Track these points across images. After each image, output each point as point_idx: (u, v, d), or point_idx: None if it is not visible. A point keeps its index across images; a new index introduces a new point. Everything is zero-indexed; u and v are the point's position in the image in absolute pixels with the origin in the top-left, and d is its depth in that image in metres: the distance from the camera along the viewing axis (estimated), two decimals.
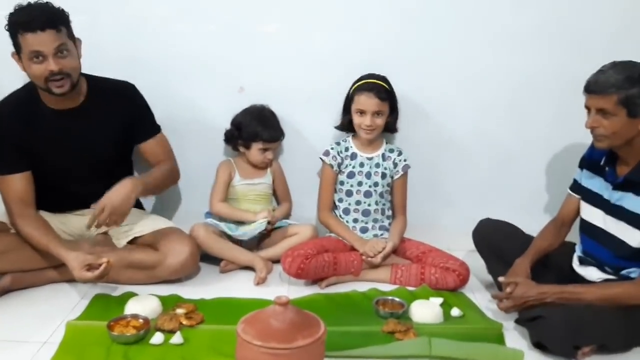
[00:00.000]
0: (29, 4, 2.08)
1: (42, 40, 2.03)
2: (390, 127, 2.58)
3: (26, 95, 2.23)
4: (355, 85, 2.52)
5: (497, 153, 2.77)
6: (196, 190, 2.71)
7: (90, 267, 2.10)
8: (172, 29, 2.59)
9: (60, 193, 2.34)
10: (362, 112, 2.49)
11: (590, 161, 2.18)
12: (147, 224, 2.38)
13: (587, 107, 1.98)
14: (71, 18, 2.14)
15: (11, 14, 2.07)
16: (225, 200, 2.66)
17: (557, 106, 2.69)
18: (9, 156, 2.21)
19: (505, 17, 2.61)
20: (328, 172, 2.60)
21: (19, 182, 2.22)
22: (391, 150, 2.63)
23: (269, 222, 2.56)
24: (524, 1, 2.60)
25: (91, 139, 2.28)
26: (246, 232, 2.54)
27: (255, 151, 2.61)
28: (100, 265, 2.10)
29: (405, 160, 2.61)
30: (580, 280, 2.13)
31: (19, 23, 2.04)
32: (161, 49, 2.58)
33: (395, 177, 2.61)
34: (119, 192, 2.18)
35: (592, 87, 1.93)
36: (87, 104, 2.27)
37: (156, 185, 2.37)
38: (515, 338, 2.06)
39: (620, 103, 1.89)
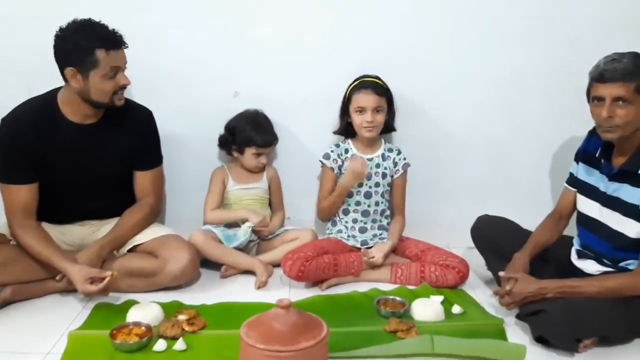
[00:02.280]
0: (97, 23, 2.13)
1: (121, 56, 2.17)
2: (388, 126, 2.59)
3: (45, 105, 2.24)
4: (352, 86, 2.53)
5: (493, 149, 2.78)
6: (192, 196, 2.71)
7: (93, 280, 2.10)
8: (166, 35, 2.60)
9: (64, 205, 2.34)
10: (361, 110, 2.49)
11: (585, 154, 2.19)
12: (146, 232, 2.37)
13: (599, 97, 1.96)
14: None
15: (85, 31, 2.09)
16: (221, 206, 2.66)
17: (550, 100, 2.71)
18: (20, 166, 2.20)
19: (496, 13, 2.63)
20: (329, 173, 2.59)
21: (25, 193, 2.22)
22: (390, 150, 2.64)
23: (255, 232, 2.57)
24: None
25: (102, 155, 2.29)
26: (240, 241, 2.53)
27: (249, 156, 2.61)
28: (103, 278, 2.10)
29: (404, 159, 2.62)
30: (579, 273, 2.14)
31: (102, 40, 2.09)
32: (155, 55, 2.58)
33: (395, 176, 2.62)
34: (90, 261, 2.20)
35: (609, 76, 1.91)
36: (104, 121, 2.29)
37: (124, 241, 2.35)
38: (517, 333, 2.07)
39: (637, 91, 1.89)
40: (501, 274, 2.14)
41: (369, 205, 2.59)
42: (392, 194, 2.66)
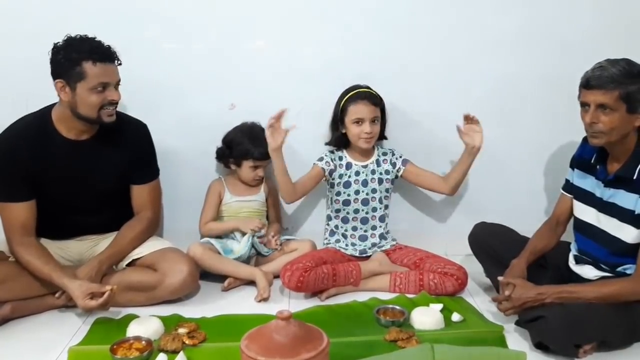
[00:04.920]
0: (91, 38, 2.14)
1: (111, 71, 2.15)
2: (380, 134, 2.61)
3: (39, 122, 2.24)
4: (347, 97, 2.53)
5: (488, 156, 2.77)
6: (190, 209, 2.71)
7: (93, 295, 2.10)
8: (161, 48, 2.62)
9: (61, 221, 2.34)
10: (359, 121, 2.50)
11: (580, 160, 2.20)
12: (145, 246, 2.38)
13: (585, 104, 1.98)
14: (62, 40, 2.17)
15: (75, 44, 2.11)
16: (217, 219, 2.67)
17: (544, 108, 2.73)
18: (15, 184, 2.20)
19: (488, 22, 2.65)
20: (316, 170, 2.57)
21: (23, 211, 2.22)
22: (385, 154, 2.65)
23: (255, 248, 2.59)
24: (507, 6, 2.64)
25: (98, 171, 2.30)
26: (240, 254, 2.54)
27: (246, 169, 2.62)
28: (103, 293, 2.10)
29: (401, 156, 2.64)
30: (577, 279, 2.15)
31: (91, 52, 2.09)
32: (150, 69, 2.59)
33: (400, 173, 2.63)
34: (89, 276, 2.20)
35: (594, 83, 1.93)
36: (99, 137, 2.29)
37: (123, 255, 2.35)
38: (517, 340, 2.08)
39: (621, 98, 1.90)
40: (500, 278, 2.15)
41: (366, 212, 2.60)
42: (417, 179, 2.64)
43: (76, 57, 2.09)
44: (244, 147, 2.58)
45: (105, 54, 2.13)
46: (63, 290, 2.17)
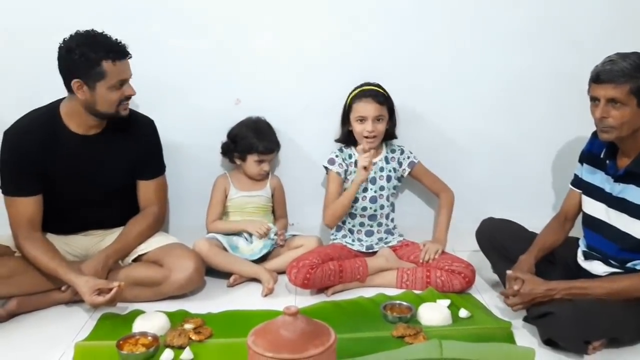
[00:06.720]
0: (100, 33, 2.13)
1: (127, 67, 2.17)
2: (389, 134, 2.59)
3: (47, 116, 2.23)
4: (352, 94, 2.52)
5: (496, 152, 2.78)
6: (196, 204, 2.71)
7: (100, 291, 2.10)
8: (167, 44, 2.61)
9: (67, 216, 2.33)
10: (362, 119, 2.49)
11: (590, 155, 2.18)
12: (151, 241, 2.37)
13: (595, 98, 1.96)
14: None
15: (89, 43, 2.08)
16: (223, 214, 2.66)
17: (553, 102, 2.71)
18: (23, 179, 2.20)
19: (498, 17, 2.63)
20: (336, 178, 2.58)
21: (30, 205, 2.21)
22: (393, 151, 2.64)
23: (276, 242, 2.59)
24: (516, 1, 2.62)
25: (106, 166, 2.29)
26: (251, 259, 2.54)
27: (251, 163, 2.61)
28: (110, 289, 2.09)
29: (408, 157, 2.63)
30: (586, 274, 2.13)
31: (108, 52, 2.08)
32: (156, 65, 2.58)
33: (406, 174, 2.62)
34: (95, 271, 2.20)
35: (604, 77, 1.91)
36: (108, 132, 2.28)
37: (129, 250, 2.35)
38: (525, 336, 2.07)
39: (632, 92, 1.89)
40: (508, 272, 2.13)
41: (375, 210, 2.59)
42: (422, 183, 2.67)
43: (95, 57, 2.07)
44: (249, 141, 2.57)
45: (121, 52, 2.13)
46: (69, 284, 2.17)
